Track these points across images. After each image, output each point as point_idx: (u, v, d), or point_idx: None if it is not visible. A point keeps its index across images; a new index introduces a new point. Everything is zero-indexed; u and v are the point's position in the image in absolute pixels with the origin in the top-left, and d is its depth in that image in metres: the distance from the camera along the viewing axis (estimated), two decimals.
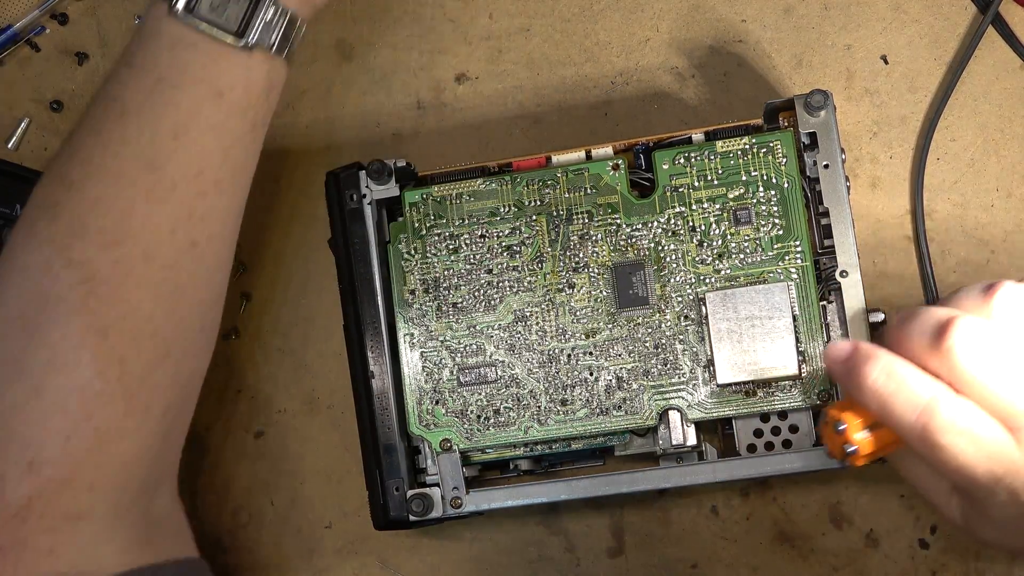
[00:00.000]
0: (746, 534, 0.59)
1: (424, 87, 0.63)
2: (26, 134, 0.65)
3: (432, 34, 0.63)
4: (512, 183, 0.55)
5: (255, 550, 0.62)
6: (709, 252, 0.54)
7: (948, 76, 0.60)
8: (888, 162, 0.60)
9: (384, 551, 0.61)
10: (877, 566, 0.58)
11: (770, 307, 0.52)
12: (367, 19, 0.64)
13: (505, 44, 0.63)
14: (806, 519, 0.59)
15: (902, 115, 0.60)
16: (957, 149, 0.59)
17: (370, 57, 0.64)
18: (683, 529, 0.59)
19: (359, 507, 0.60)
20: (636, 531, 0.59)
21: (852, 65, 0.60)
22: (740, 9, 0.61)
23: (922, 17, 0.60)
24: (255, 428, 0.62)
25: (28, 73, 0.66)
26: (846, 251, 0.53)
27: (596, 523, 0.60)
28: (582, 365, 0.54)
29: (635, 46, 0.62)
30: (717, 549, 0.59)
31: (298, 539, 0.61)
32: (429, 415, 0.55)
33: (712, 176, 0.54)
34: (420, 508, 0.54)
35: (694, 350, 0.53)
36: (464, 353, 0.55)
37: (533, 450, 0.55)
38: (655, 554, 0.59)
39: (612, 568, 0.59)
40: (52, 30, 0.66)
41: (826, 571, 0.58)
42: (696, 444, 0.54)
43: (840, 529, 0.58)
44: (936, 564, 0.57)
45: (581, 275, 0.54)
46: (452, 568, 0.60)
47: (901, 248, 0.59)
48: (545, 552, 0.60)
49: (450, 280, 0.55)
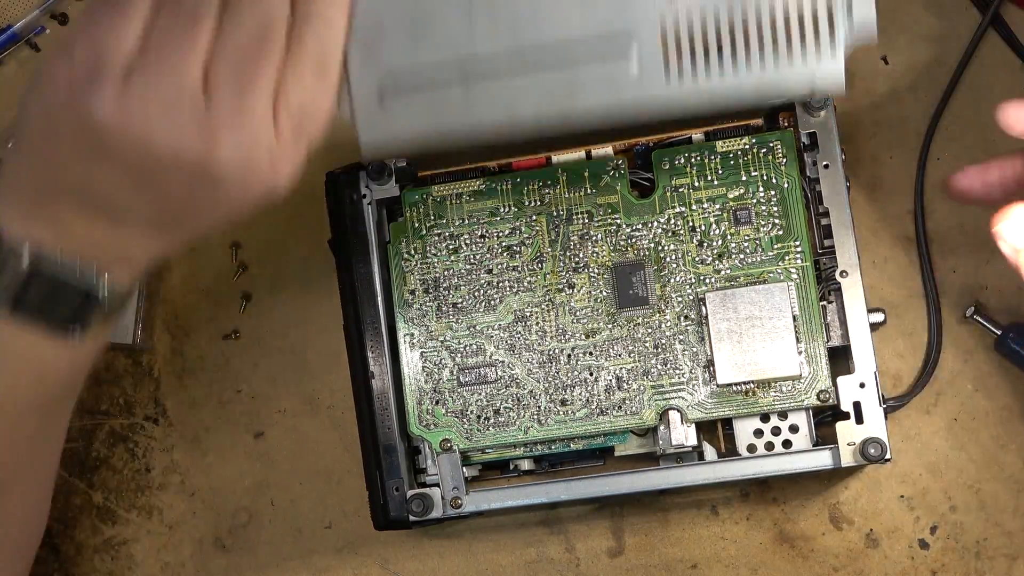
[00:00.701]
0: (746, 534, 0.59)
1: None
2: None
3: None
4: (512, 183, 0.55)
5: (255, 550, 0.62)
6: (709, 252, 0.54)
7: (948, 76, 0.60)
8: (888, 162, 0.60)
9: (384, 551, 0.61)
10: (877, 566, 0.58)
11: (770, 307, 0.52)
12: None
13: None
14: (806, 519, 0.59)
15: (902, 115, 0.60)
16: (957, 149, 0.59)
17: None
18: (683, 529, 0.59)
19: (359, 507, 0.60)
20: (636, 531, 0.59)
21: (852, 65, 0.60)
22: None
23: (922, 17, 0.60)
24: (255, 428, 0.62)
25: (28, 73, 0.66)
26: (846, 251, 0.53)
27: (596, 523, 0.60)
28: (582, 365, 0.54)
29: None
30: (717, 549, 0.59)
31: (298, 539, 0.61)
32: (429, 415, 0.55)
33: (712, 176, 0.54)
34: (420, 508, 0.54)
35: (694, 350, 0.53)
36: (464, 353, 0.55)
37: (533, 450, 0.55)
38: (655, 554, 0.59)
39: (612, 568, 0.59)
40: (52, 30, 0.66)
41: (826, 571, 0.58)
42: (696, 444, 0.54)
43: (840, 529, 0.58)
44: (936, 564, 0.57)
45: (581, 275, 0.54)
46: (452, 568, 0.60)
47: (901, 248, 0.59)
48: (545, 552, 0.60)
49: (450, 280, 0.55)
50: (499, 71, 0.42)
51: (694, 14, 0.40)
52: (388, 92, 0.43)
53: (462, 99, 0.42)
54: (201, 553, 0.62)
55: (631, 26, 0.41)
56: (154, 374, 0.63)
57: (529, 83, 0.42)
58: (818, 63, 0.41)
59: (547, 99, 0.42)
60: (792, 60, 0.41)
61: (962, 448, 0.58)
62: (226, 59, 0.40)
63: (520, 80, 0.42)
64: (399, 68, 0.43)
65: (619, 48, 0.41)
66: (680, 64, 0.41)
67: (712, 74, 0.41)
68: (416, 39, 0.42)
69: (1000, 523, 0.57)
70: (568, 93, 0.42)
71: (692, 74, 0.41)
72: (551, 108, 0.42)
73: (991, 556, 0.57)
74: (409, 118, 0.44)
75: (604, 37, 0.41)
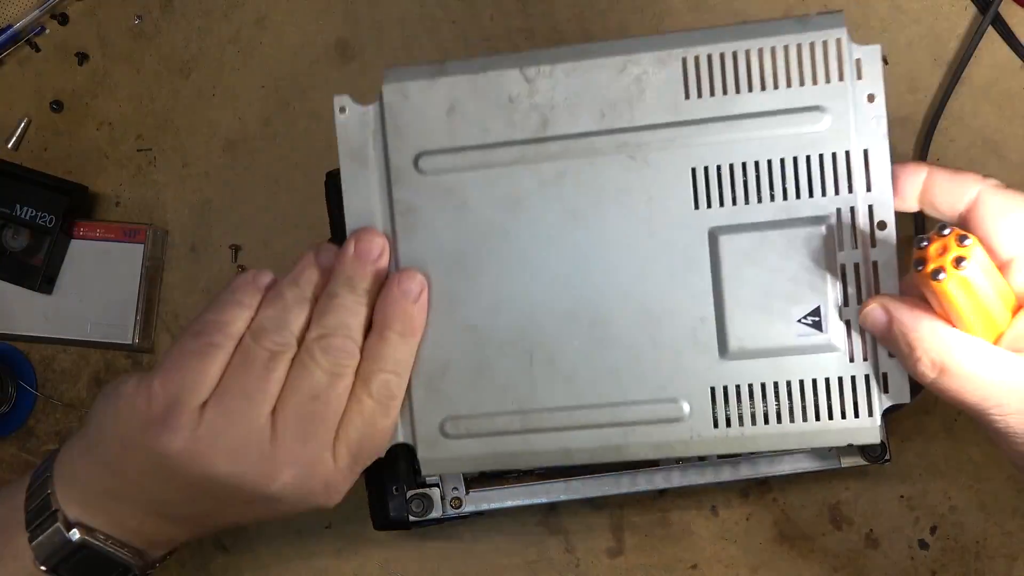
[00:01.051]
0: (746, 534, 0.59)
1: None
2: (26, 134, 0.65)
3: (433, 34, 0.63)
4: None
5: (255, 550, 0.62)
6: None
7: (948, 76, 0.60)
8: None
9: (384, 552, 0.61)
10: (877, 566, 0.58)
11: None
12: (367, 19, 0.64)
13: (504, 45, 0.63)
14: (806, 519, 0.59)
15: (902, 115, 0.60)
16: (957, 149, 0.59)
17: (370, 57, 0.64)
18: (683, 529, 0.59)
19: (359, 507, 0.60)
20: (636, 531, 0.59)
21: None
22: (740, 9, 0.61)
23: (922, 17, 0.60)
24: None
25: (28, 73, 0.66)
26: None
27: (596, 523, 0.60)
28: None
29: None
30: (717, 549, 0.59)
31: (298, 539, 0.61)
32: None
33: None
34: (420, 508, 0.54)
35: None
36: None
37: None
38: (655, 554, 0.59)
39: (612, 568, 0.59)
40: (52, 30, 0.66)
41: (826, 571, 0.58)
42: None
43: (840, 529, 0.58)
44: (936, 564, 0.58)
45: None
46: (452, 569, 0.60)
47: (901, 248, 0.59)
48: (545, 552, 0.60)
49: None
50: (557, 424, 0.46)
51: (743, 377, 0.45)
52: (450, 430, 0.47)
53: (521, 444, 0.46)
54: (201, 553, 0.62)
55: (682, 392, 0.45)
56: None
57: (585, 435, 0.46)
58: (857, 421, 0.45)
59: (601, 447, 0.46)
60: (832, 421, 0.45)
61: (962, 448, 0.58)
62: (294, 407, 0.44)
63: (576, 433, 0.46)
64: (461, 412, 0.47)
65: (671, 411, 0.45)
66: (728, 419, 0.45)
67: (758, 426, 0.45)
68: (479, 387, 0.46)
69: (1000, 523, 0.57)
70: (621, 444, 0.46)
71: (739, 426, 0.45)
72: (604, 454, 0.46)
73: (991, 556, 0.57)
74: (470, 450, 0.47)
75: (656, 400, 0.46)
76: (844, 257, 0.44)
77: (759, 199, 0.44)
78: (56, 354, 0.64)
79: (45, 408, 0.64)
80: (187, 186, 0.64)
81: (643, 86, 0.45)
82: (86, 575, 0.46)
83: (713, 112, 0.45)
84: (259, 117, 0.64)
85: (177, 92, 0.65)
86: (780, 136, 0.44)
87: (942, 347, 0.41)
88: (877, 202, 0.44)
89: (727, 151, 0.45)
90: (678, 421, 0.45)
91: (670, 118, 0.45)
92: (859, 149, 0.44)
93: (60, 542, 0.45)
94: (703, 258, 0.45)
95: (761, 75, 0.44)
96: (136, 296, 0.62)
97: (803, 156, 0.44)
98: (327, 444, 0.44)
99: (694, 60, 0.44)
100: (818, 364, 0.44)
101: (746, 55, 0.44)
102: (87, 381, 0.64)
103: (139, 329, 0.62)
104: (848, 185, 0.44)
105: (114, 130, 0.65)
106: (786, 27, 0.44)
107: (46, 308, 0.63)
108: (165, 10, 0.65)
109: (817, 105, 0.44)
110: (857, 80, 0.44)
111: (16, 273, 0.63)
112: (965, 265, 0.39)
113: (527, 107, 0.46)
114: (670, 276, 0.45)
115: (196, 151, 0.64)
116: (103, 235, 0.63)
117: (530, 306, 0.46)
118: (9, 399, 0.63)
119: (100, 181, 0.65)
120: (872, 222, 0.44)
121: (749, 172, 0.45)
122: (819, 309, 0.44)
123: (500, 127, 0.46)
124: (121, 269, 0.63)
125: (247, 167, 0.64)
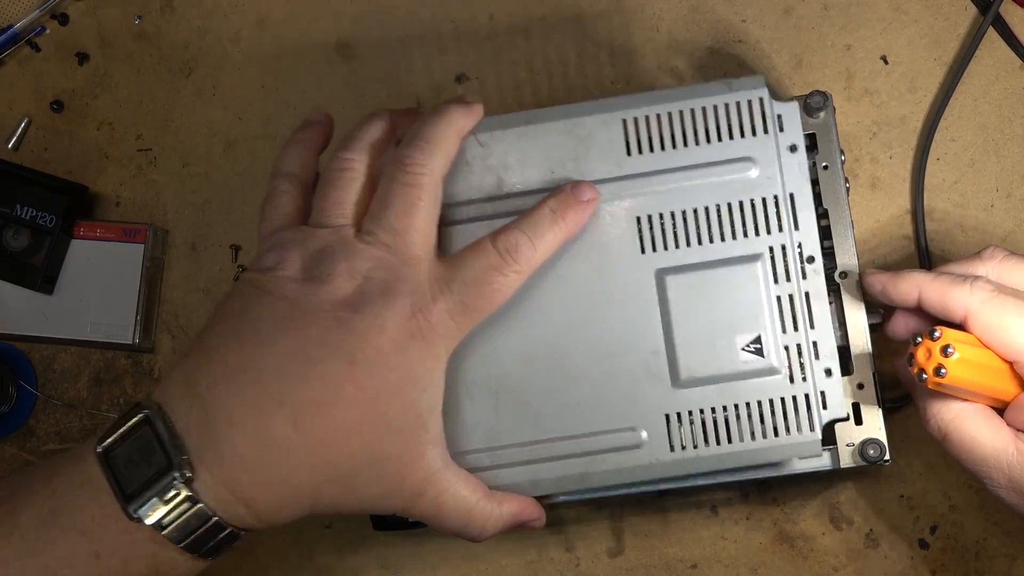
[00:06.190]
0: (746, 534, 0.59)
1: (424, 87, 0.63)
2: (26, 134, 0.65)
3: (432, 34, 0.63)
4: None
5: (255, 550, 0.62)
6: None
7: (948, 76, 0.60)
8: (888, 162, 0.60)
9: (384, 551, 0.61)
10: (877, 566, 0.58)
11: None
12: (368, 19, 0.64)
13: (505, 45, 0.63)
14: (806, 519, 0.59)
15: (902, 115, 0.60)
16: (957, 149, 0.59)
17: (370, 57, 0.64)
18: (683, 529, 0.59)
19: None
20: (636, 531, 0.59)
21: (852, 65, 0.60)
22: (740, 9, 0.61)
23: (922, 17, 0.60)
24: None
25: (28, 73, 0.66)
26: (845, 252, 0.53)
27: (596, 523, 0.60)
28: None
29: (635, 46, 0.62)
30: (717, 549, 0.59)
31: (298, 539, 0.61)
32: None
33: None
34: None
35: None
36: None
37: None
38: (655, 554, 0.59)
39: (612, 568, 0.59)
40: (52, 30, 0.66)
41: (826, 571, 0.58)
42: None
43: (840, 529, 0.58)
44: (936, 564, 0.58)
45: None
46: (452, 569, 0.60)
47: (901, 248, 0.59)
48: (545, 552, 0.60)
49: None
50: (523, 458, 0.49)
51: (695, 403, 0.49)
52: None
53: (491, 479, 0.49)
54: None
55: (639, 420, 0.49)
56: (154, 374, 0.63)
57: (550, 467, 0.49)
58: (800, 436, 0.49)
59: (566, 476, 0.49)
60: (778, 438, 0.49)
61: None
62: None
63: (541, 465, 0.49)
64: None
65: (630, 439, 0.49)
66: (683, 442, 0.49)
67: (711, 447, 0.49)
68: (448, 427, 0.47)
69: (1000, 523, 0.57)
70: (585, 472, 0.49)
71: (694, 448, 0.49)
72: (570, 483, 0.50)
73: (991, 556, 0.57)
74: None
75: (616, 430, 0.49)
76: (779, 289, 0.49)
77: (700, 241, 0.50)
78: (56, 354, 0.64)
79: (45, 408, 0.64)
80: (187, 186, 0.64)
81: (588, 145, 0.50)
82: (199, 544, 0.46)
83: (654, 166, 0.50)
84: (259, 117, 0.64)
85: (177, 92, 0.65)
86: (715, 184, 0.50)
87: (947, 417, 0.48)
88: (805, 240, 0.50)
89: (668, 200, 0.50)
90: (637, 448, 0.49)
91: (615, 173, 0.50)
92: (786, 194, 0.50)
93: (193, 527, 0.45)
94: (652, 297, 0.49)
95: (695, 131, 0.50)
96: (136, 296, 0.63)
97: (736, 202, 0.50)
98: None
99: (633, 121, 0.50)
100: (762, 387, 0.49)
101: (679, 115, 0.50)
102: (87, 381, 0.64)
103: (139, 329, 0.63)
104: (779, 225, 0.50)
105: (114, 130, 0.65)
106: (714, 89, 0.50)
107: (46, 308, 0.63)
108: (165, 10, 0.65)
109: (746, 156, 0.50)
110: (780, 132, 0.50)
111: (16, 273, 0.63)
112: (944, 373, 0.45)
113: (482, 168, 0.50)
114: (622, 315, 0.49)
115: (196, 151, 0.64)
116: (103, 235, 0.63)
117: (493, 350, 0.49)
118: (9, 399, 0.63)
119: (100, 181, 0.65)
120: (802, 258, 0.50)
121: (689, 218, 0.50)
122: (760, 337, 0.49)
123: (460, 188, 0.50)
124: (121, 269, 0.63)
125: (247, 167, 0.64)
